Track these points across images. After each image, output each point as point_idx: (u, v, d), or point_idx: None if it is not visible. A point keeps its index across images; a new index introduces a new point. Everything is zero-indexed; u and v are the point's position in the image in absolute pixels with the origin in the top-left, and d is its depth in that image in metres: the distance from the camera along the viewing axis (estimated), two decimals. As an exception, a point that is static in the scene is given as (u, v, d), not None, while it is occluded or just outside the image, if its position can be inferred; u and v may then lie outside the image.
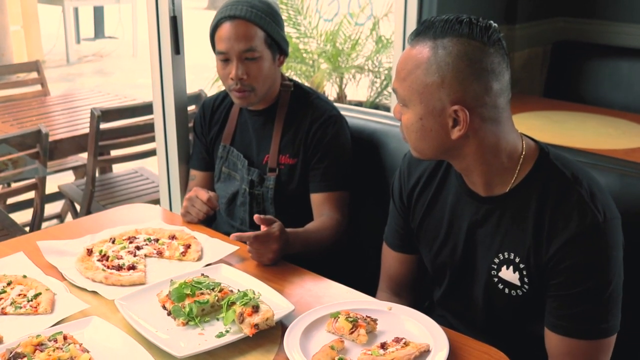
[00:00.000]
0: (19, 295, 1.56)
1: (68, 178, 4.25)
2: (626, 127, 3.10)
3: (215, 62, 2.02)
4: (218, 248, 1.80)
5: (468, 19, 1.33)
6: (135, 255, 1.75)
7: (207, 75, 5.78)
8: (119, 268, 1.68)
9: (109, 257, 1.73)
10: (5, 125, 3.72)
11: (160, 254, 1.78)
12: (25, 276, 1.63)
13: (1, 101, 4.44)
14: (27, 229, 3.30)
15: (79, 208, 3.52)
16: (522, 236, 1.40)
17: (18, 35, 8.86)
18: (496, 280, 1.47)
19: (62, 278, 1.66)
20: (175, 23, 2.35)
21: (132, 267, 1.69)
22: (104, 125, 3.26)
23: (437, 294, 1.65)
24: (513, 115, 1.41)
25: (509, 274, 1.44)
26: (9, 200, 3.71)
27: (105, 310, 1.52)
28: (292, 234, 1.80)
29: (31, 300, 1.52)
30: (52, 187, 3.71)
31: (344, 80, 5.73)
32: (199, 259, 1.75)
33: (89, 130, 3.25)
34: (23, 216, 3.69)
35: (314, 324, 1.44)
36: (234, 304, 1.43)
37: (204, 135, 2.21)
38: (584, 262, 1.33)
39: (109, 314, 1.49)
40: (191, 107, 3.05)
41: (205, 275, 1.59)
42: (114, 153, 3.80)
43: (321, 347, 1.35)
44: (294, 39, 5.56)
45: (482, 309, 1.52)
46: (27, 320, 1.47)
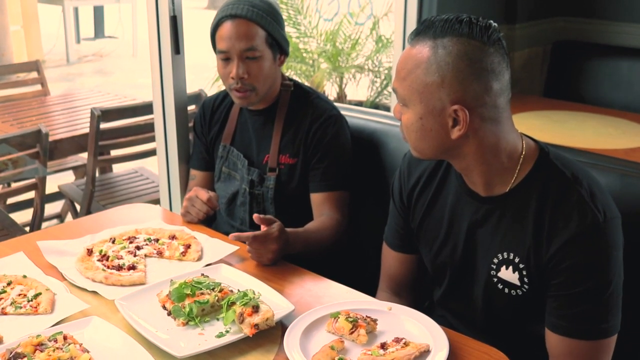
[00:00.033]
0: (19, 295, 1.56)
1: (68, 178, 4.25)
2: (626, 127, 3.09)
3: (216, 62, 2.02)
4: (218, 248, 1.80)
5: (468, 18, 1.33)
6: (135, 255, 1.75)
7: (207, 75, 5.77)
8: (119, 268, 1.68)
9: (109, 257, 1.73)
10: (5, 125, 3.72)
11: (160, 254, 1.78)
12: (25, 276, 1.63)
13: (1, 101, 4.44)
14: (27, 229, 3.30)
15: (79, 208, 3.52)
16: (522, 236, 1.40)
17: (18, 35, 8.87)
18: (496, 280, 1.46)
19: (62, 278, 1.66)
20: (175, 23, 2.35)
21: (132, 267, 1.69)
22: (104, 125, 3.25)
23: (437, 294, 1.65)
24: (513, 115, 1.41)
25: (508, 274, 1.44)
26: (9, 200, 3.71)
27: (105, 310, 1.52)
28: (292, 234, 1.80)
29: (31, 300, 1.52)
30: (52, 187, 3.71)
31: (344, 79, 5.73)
32: (199, 259, 1.75)
33: (89, 130, 3.25)
34: (23, 216, 3.69)
35: (314, 324, 1.44)
36: (234, 304, 1.43)
37: (204, 135, 2.21)
38: (584, 262, 1.33)
39: (109, 314, 1.49)
40: (191, 107, 3.04)
41: (205, 275, 1.59)
42: (114, 153, 3.80)
43: (321, 347, 1.35)
44: (294, 39, 5.56)
45: (482, 309, 1.52)
46: (27, 320, 1.47)
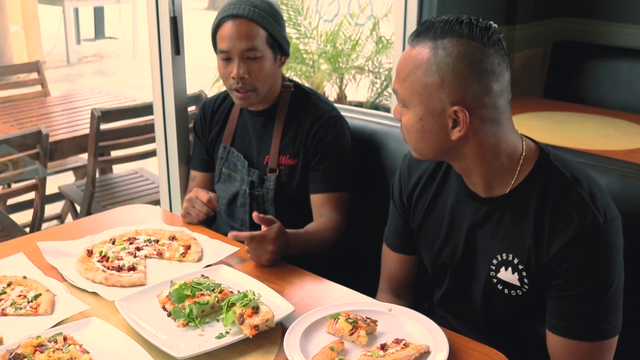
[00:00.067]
0: (19, 296, 1.55)
1: (68, 179, 4.25)
2: (626, 128, 3.09)
3: (217, 62, 2.02)
4: (218, 249, 1.80)
5: (468, 19, 1.33)
6: (135, 256, 1.75)
7: (207, 76, 5.77)
8: (119, 269, 1.68)
9: (109, 258, 1.73)
10: (5, 126, 3.72)
11: (160, 255, 1.78)
12: (25, 277, 1.63)
13: (1, 102, 4.44)
14: (27, 229, 3.30)
15: (79, 209, 3.52)
16: (522, 237, 1.40)
17: (18, 36, 8.87)
18: (495, 281, 1.46)
19: (62, 279, 1.65)
20: (175, 23, 2.35)
21: (132, 268, 1.69)
22: (104, 126, 3.25)
23: (437, 295, 1.65)
24: (513, 115, 1.41)
25: (508, 275, 1.44)
26: (9, 201, 3.71)
27: (106, 311, 1.52)
28: (292, 235, 1.80)
29: (31, 301, 1.52)
30: (52, 188, 3.71)
31: (344, 80, 5.73)
32: (199, 260, 1.75)
33: (89, 130, 3.25)
34: (23, 217, 3.69)
35: (314, 325, 1.43)
36: (234, 305, 1.43)
37: (205, 135, 2.21)
38: (585, 263, 1.33)
39: (109, 315, 1.49)
40: (191, 108, 3.05)
41: (205, 276, 1.59)
42: (114, 154, 3.80)
43: (321, 349, 1.35)
44: (294, 40, 5.56)
45: (482, 309, 1.52)
46: (27, 321, 1.47)
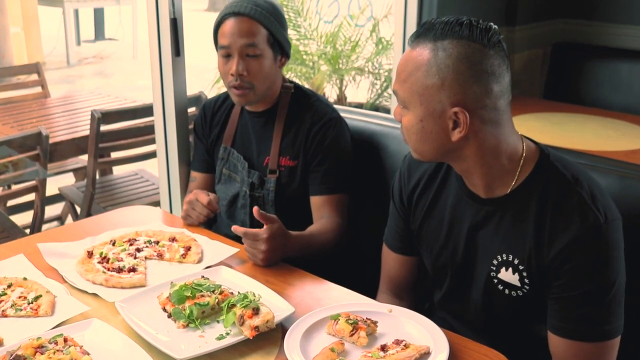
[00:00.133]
0: (20, 297, 1.55)
1: (68, 180, 4.25)
2: (626, 129, 3.09)
3: (217, 62, 2.02)
4: (218, 250, 1.79)
5: (468, 20, 1.33)
6: (135, 258, 1.75)
7: (208, 77, 5.78)
8: (120, 270, 1.68)
9: (109, 259, 1.72)
10: (5, 127, 3.72)
11: (160, 256, 1.78)
12: (25, 278, 1.63)
13: (1, 103, 4.44)
14: (28, 231, 3.30)
15: (79, 210, 3.52)
16: (523, 238, 1.40)
17: (18, 37, 8.88)
18: (496, 281, 1.46)
19: (63, 280, 1.65)
20: (175, 25, 2.35)
21: (133, 270, 1.69)
22: (104, 127, 3.26)
23: (438, 295, 1.65)
24: (513, 117, 1.41)
25: (508, 275, 1.44)
26: (9, 203, 3.70)
27: (106, 312, 1.52)
28: (293, 236, 1.80)
29: (31, 303, 1.52)
30: (53, 189, 3.71)
31: (344, 82, 5.73)
32: (199, 261, 1.75)
33: (89, 132, 3.25)
34: (23, 218, 3.69)
35: (314, 326, 1.43)
36: (234, 306, 1.43)
37: (205, 137, 2.21)
38: (586, 264, 1.33)
39: (110, 316, 1.49)
40: (191, 109, 3.05)
41: (206, 277, 1.59)
42: (114, 155, 3.79)
43: (321, 350, 1.35)
44: (294, 41, 5.56)
45: (482, 310, 1.52)
46: (28, 323, 1.46)
